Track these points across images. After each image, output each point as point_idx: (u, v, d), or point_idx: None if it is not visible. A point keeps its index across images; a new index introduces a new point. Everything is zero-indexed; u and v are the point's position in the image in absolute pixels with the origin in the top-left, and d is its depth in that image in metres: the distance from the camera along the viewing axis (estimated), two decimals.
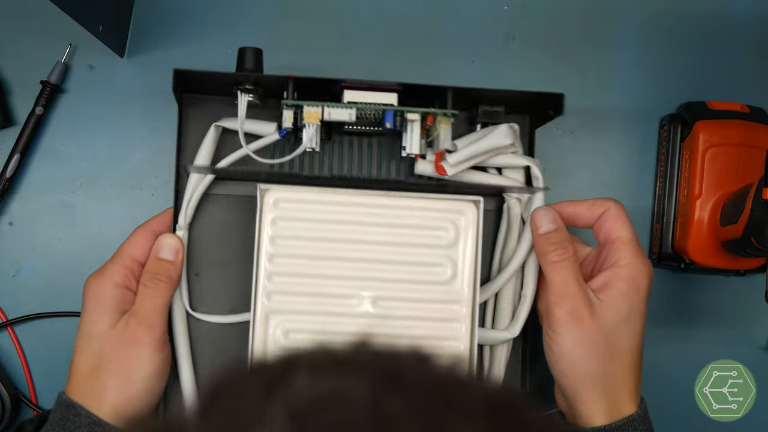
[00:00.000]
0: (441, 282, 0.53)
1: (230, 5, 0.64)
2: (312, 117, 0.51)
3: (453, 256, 0.53)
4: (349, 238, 0.53)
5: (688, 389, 0.65)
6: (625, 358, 0.51)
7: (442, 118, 0.53)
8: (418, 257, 0.53)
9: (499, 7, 0.66)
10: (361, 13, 0.65)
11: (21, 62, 0.63)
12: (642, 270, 0.51)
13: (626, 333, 0.51)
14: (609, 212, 0.53)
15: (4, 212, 0.63)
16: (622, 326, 0.51)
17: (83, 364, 0.51)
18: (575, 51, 0.66)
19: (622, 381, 0.51)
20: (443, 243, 0.54)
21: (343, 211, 0.53)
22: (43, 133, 0.63)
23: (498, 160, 0.56)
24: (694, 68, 0.66)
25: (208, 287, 0.56)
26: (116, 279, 0.51)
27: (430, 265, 0.53)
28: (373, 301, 0.53)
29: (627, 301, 0.51)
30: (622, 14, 0.66)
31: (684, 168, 0.63)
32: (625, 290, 0.51)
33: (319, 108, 0.51)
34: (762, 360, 0.66)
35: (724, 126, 0.62)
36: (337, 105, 0.51)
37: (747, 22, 0.67)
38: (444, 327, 0.53)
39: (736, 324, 0.66)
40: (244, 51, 0.53)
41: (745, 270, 0.63)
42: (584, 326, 0.50)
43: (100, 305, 0.51)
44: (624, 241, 0.52)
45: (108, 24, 0.60)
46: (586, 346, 0.50)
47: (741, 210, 0.56)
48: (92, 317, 0.51)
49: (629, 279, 0.51)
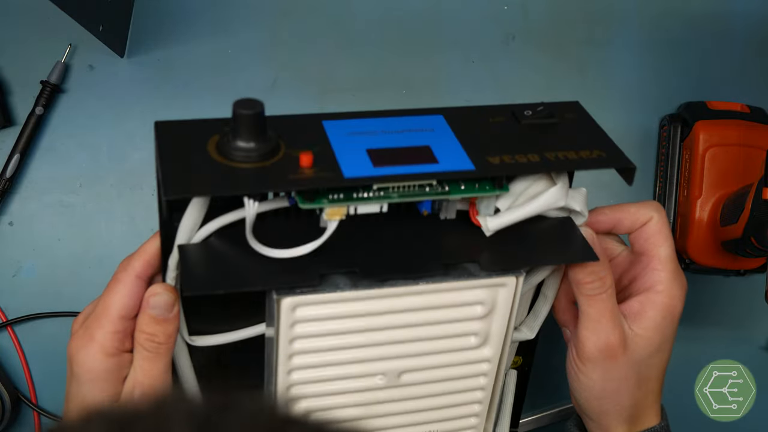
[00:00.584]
0: (469, 347, 0.47)
1: (230, 5, 0.64)
2: (335, 214, 0.41)
3: (484, 326, 0.47)
4: (375, 326, 0.45)
5: (688, 389, 0.65)
6: (652, 385, 0.50)
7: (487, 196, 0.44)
8: (448, 330, 0.47)
9: (499, 7, 0.66)
10: (361, 12, 0.65)
11: (21, 62, 0.63)
12: (678, 296, 0.48)
13: (656, 362, 0.49)
14: (651, 223, 0.49)
15: (4, 212, 0.63)
16: (654, 357, 0.48)
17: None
18: (575, 51, 0.66)
19: (648, 405, 0.50)
20: (476, 316, 0.46)
21: (368, 304, 0.44)
22: (43, 133, 0.63)
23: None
24: (694, 68, 0.66)
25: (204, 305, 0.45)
26: (108, 348, 0.44)
27: (460, 336, 0.47)
28: (398, 375, 0.47)
29: (660, 332, 0.48)
30: (622, 14, 0.66)
31: (684, 168, 0.63)
32: (660, 321, 0.48)
33: (344, 205, 0.41)
34: (762, 360, 0.66)
35: (724, 126, 0.62)
36: (365, 198, 0.41)
37: (747, 22, 0.67)
38: (466, 383, 0.48)
39: (736, 324, 0.66)
40: (240, 117, 0.39)
41: (745, 270, 0.63)
42: (617, 363, 0.47)
43: (97, 379, 0.44)
44: (662, 260, 0.48)
45: (108, 24, 0.60)
46: (616, 381, 0.48)
47: (741, 210, 0.56)
48: (87, 394, 0.44)
49: (664, 308, 0.48)
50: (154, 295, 0.43)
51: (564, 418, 0.65)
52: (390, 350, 0.46)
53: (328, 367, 0.46)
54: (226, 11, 0.64)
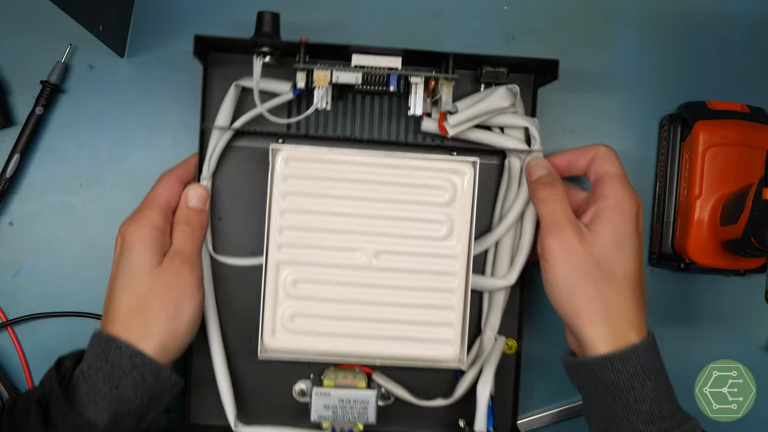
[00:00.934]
0: (438, 237, 0.58)
1: (229, 5, 0.64)
2: (321, 80, 0.56)
3: (450, 214, 0.58)
4: (354, 195, 0.58)
5: (688, 389, 0.65)
6: (619, 284, 0.52)
7: (444, 81, 0.57)
8: (417, 214, 0.58)
9: (499, 7, 0.66)
10: (362, 13, 0.65)
11: (21, 62, 0.63)
12: (627, 199, 0.54)
13: (617, 259, 0.52)
14: (598, 153, 0.56)
15: (4, 212, 0.63)
16: (612, 251, 0.52)
17: (128, 301, 0.52)
18: (575, 51, 0.66)
19: (620, 307, 0.52)
20: (441, 201, 0.58)
21: (348, 170, 0.57)
22: (43, 133, 0.63)
23: (499, 120, 0.59)
24: (694, 68, 0.66)
25: (230, 231, 0.61)
26: (156, 223, 0.54)
27: (429, 222, 0.58)
28: (375, 254, 0.58)
29: (613, 227, 0.53)
30: (622, 14, 0.66)
31: (684, 168, 0.63)
32: (611, 216, 0.53)
33: (327, 72, 0.56)
34: (762, 360, 0.66)
35: (724, 126, 0.62)
36: (345, 69, 0.56)
37: (747, 22, 0.67)
38: (439, 279, 0.58)
39: (736, 324, 0.66)
40: (262, 15, 0.56)
41: (745, 270, 0.63)
42: (575, 252, 0.52)
43: (144, 246, 0.53)
44: (611, 175, 0.55)
45: (108, 24, 0.60)
46: (578, 270, 0.52)
47: (741, 210, 0.56)
48: (137, 258, 0.53)
49: (615, 207, 0.53)
50: (192, 189, 0.57)
51: (564, 418, 0.65)
52: (367, 225, 0.57)
53: (313, 232, 0.57)
54: (226, 11, 0.64)
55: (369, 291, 0.58)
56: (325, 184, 0.58)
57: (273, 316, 0.57)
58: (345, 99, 0.60)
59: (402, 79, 0.57)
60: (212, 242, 0.60)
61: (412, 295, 0.58)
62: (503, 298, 0.61)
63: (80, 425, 0.49)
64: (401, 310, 0.58)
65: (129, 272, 0.53)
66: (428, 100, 0.58)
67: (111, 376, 0.51)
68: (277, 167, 0.57)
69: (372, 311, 0.58)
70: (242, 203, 0.60)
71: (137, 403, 0.51)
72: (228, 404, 0.58)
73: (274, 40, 0.56)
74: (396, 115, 0.61)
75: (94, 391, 0.50)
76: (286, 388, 0.61)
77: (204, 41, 0.57)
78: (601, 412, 0.52)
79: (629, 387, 0.50)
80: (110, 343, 0.51)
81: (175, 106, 0.63)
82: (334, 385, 0.57)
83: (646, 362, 0.51)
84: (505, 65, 0.58)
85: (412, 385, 0.61)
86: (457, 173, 0.58)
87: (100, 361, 0.51)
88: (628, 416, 0.50)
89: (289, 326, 0.58)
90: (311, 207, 0.58)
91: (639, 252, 0.53)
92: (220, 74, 0.60)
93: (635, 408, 0.50)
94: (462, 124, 0.58)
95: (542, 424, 0.65)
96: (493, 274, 0.61)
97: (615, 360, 0.50)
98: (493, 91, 0.58)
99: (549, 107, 0.65)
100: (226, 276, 0.60)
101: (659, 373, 0.51)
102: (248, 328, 0.60)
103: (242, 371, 0.60)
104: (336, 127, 0.60)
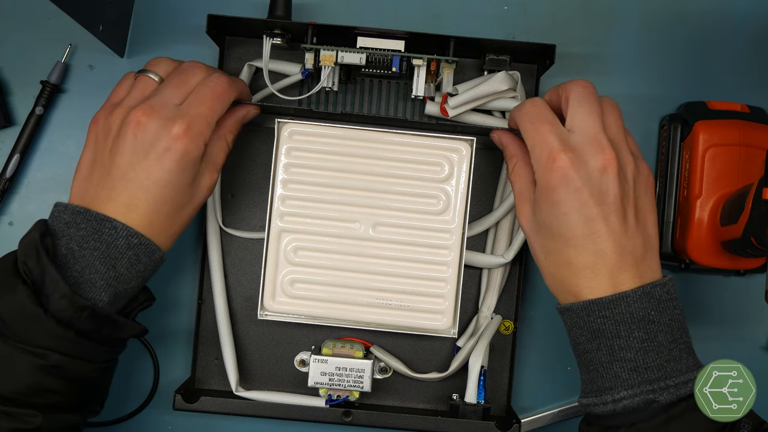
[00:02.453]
0: (434, 212, 0.60)
1: (229, 5, 0.64)
2: (327, 60, 0.59)
3: (447, 190, 0.60)
4: (354, 169, 0.60)
5: None
6: (573, 242, 0.51)
7: (445, 64, 0.59)
8: (415, 189, 0.60)
9: (499, 7, 0.66)
10: (362, 12, 0.65)
11: (21, 62, 0.63)
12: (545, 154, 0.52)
13: (554, 219, 0.51)
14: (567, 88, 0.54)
15: (4, 212, 0.63)
16: (550, 218, 0.52)
17: (140, 196, 0.51)
18: (575, 51, 0.66)
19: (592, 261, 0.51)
20: (439, 177, 0.60)
21: (349, 144, 0.60)
22: (43, 133, 0.63)
23: (499, 104, 0.61)
24: (694, 68, 0.66)
25: (240, 207, 0.64)
26: (207, 142, 0.54)
27: (426, 197, 0.60)
28: (372, 226, 0.60)
29: (540, 191, 0.52)
30: (622, 14, 0.66)
31: (684, 168, 0.63)
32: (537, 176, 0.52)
33: (333, 52, 0.58)
34: (762, 360, 0.66)
35: (724, 126, 0.62)
36: (349, 49, 0.59)
37: (747, 22, 0.67)
38: (434, 252, 0.60)
39: (736, 324, 0.66)
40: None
41: (745, 270, 0.63)
42: (529, 224, 0.55)
43: (190, 164, 0.52)
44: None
45: (108, 24, 0.60)
46: (543, 240, 0.53)
47: (741, 210, 0.56)
48: (178, 170, 0.52)
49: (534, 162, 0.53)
50: (254, 110, 0.59)
51: (564, 418, 0.65)
52: (366, 198, 0.60)
53: (314, 203, 0.60)
54: (226, 11, 0.64)
55: (366, 261, 0.60)
56: (327, 157, 0.60)
57: (274, 280, 0.60)
58: (353, 82, 0.63)
59: (405, 61, 0.59)
60: (222, 217, 0.63)
61: (408, 266, 0.60)
62: (501, 277, 0.63)
63: (81, 306, 0.48)
64: (397, 280, 0.60)
65: (155, 177, 0.51)
66: (431, 85, 0.60)
67: (107, 256, 0.50)
68: (281, 140, 0.60)
69: (369, 280, 0.60)
70: (253, 180, 0.64)
71: (133, 283, 0.52)
72: (231, 370, 0.61)
73: (284, 21, 0.59)
74: (401, 97, 0.64)
75: (90, 271, 0.50)
76: (288, 359, 0.63)
77: (217, 20, 0.59)
78: (586, 361, 0.51)
79: (615, 334, 0.49)
80: (104, 223, 0.50)
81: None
82: (332, 354, 0.60)
83: (637, 310, 0.49)
84: (506, 51, 0.61)
85: (408, 359, 0.63)
86: (454, 151, 0.60)
87: (94, 241, 0.50)
88: (612, 364, 0.50)
89: (289, 291, 0.60)
90: (313, 179, 0.60)
91: (574, 205, 0.51)
92: (235, 56, 0.63)
93: (619, 356, 0.49)
94: (462, 106, 0.60)
95: (542, 424, 0.65)
96: (492, 253, 0.63)
97: (602, 305, 0.50)
98: (493, 76, 0.60)
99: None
100: (235, 249, 0.64)
101: (654, 323, 0.50)
102: (254, 298, 0.63)
103: (246, 340, 0.64)
104: (343, 106, 0.64)
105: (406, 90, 0.64)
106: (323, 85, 0.60)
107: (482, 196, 0.64)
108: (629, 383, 0.49)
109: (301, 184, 0.60)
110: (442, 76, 0.60)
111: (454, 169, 0.60)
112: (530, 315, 0.65)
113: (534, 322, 0.65)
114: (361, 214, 0.60)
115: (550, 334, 0.65)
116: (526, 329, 0.65)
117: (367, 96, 0.64)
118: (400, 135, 0.60)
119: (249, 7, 0.64)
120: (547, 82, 0.63)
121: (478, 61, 0.63)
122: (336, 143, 0.60)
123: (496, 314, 0.63)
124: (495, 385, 0.64)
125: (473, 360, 0.60)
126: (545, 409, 0.66)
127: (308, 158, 0.60)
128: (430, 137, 0.60)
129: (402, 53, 0.59)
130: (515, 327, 0.63)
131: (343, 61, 0.58)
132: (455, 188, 0.60)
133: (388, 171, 0.60)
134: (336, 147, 0.60)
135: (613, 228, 0.50)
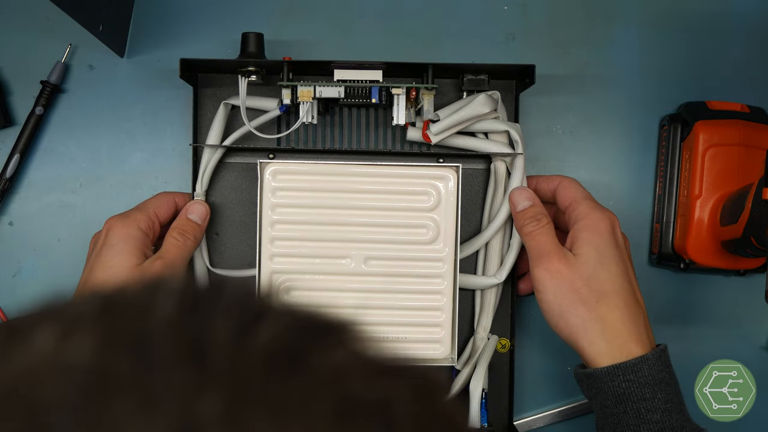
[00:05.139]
0: (424, 242, 0.60)
1: (229, 4, 0.64)
2: (305, 96, 0.58)
3: (435, 218, 0.60)
4: (340, 204, 0.59)
5: (688, 389, 0.65)
6: (611, 300, 0.53)
7: (425, 91, 0.59)
8: (404, 220, 0.60)
9: (499, 7, 0.66)
10: (362, 12, 0.65)
11: (21, 62, 0.63)
12: (600, 217, 0.55)
13: (604, 275, 0.54)
14: (562, 183, 0.59)
15: (4, 212, 0.63)
16: (598, 270, 0.54)
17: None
18: (575, 51, 0.66)
19: (615, 322, 0.53)
20: (427, 206, 0.60)
21: (334, 180, 0.59)
22: (43, 133, 0.63)
23: (482, 125, 0.60)
24: (694, 68, 0.66)
25: (226, 245, 0.63)
26: (142, 225, 0.56)
27: (415, 227, 0.60)
28: (364, 260, 0.60)
29: (593, 247, 0.54)
30: (622, 14, 0.66)
31: (684, 168, 0.63)
32: (588, 237, 0.55)
33: (311, 87, 0.58)
34: (762, 360, 0.66)
35: (724, 126, 0.62)
36: (327, 83, 0.58)
37: (747, 22, 0.66)
38: (427, 282, 0.60)
39: (736, 324, 0.66)
40: (247, 36, 0.59)
41: (745, 270, 0.63)
42: (563, 278, 0.54)
43: (127, 244, 0.55)
44: (578, 199, 0.57)
45: (108, 24, 0.60)
46: (568, 295, 0.53)
47: (741, 210, 0.56)
48: (118, 254, 0.54)
49: (589, 228, 0.55)
50: (195, 204, 0.59)
51: (564, 418, 0.65)
52: (355, 232, 0.59)
53: (303, 242, 0.59)
54: (226, 10, 0.64)
55: (360, 296, 0.59)
56: (312, 194, 0.59)
57: None
58: (331, 112, 0.62)
59: (384, 90, 0.58)
60: (209, 257, 0.62)
61: (403, 297, 0.60)
62: (494, 297, 0.62)
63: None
64: (392, 313, 0.60)
65: (109, 266, 0.54)
66: (411, 110, 0.60)
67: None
68: (265, 181, 0.59)
69: (364, 315, 0.59)
70: (237, 217, 0.62)
71: None
72: None
73: (258, 60, 0.58)
74: (382, 124, 0.62)
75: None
76: None
77: (190, 63, 0.58)
78: (613, 424, 0.52)
79: (640, 397, 0.51)
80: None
81: (175, 106, 0.63)
82: None
83: (657, 373, 0.51)
84: (486, 72, 0.60)
85: None
86: (440, 179, 0.60)
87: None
88: (639, 426, 0.51)
89: None
90: (300, 217, 0.59)
91: (624, 266, 0.55)
92: (210, 94, 0.62)
93: (646, 418, 0.51)
94: (444, 132, 0.59)
95: (542, 424, 0.65)
96: (483, 273, 0.63)
97: (627, 370, 0.51)
98: (474, 98, 0.59)
99: (548, 107, 0.65)
100: None
101: (669, 385, 0.52)
102: None
103: None
104: (324, 139, 0.62)
105: (386, 117, 0.62)
106: (303, 121, 0.58)
107: (470, 216, 0.63)
108: None
109: (288, 224, 0.59)
110: (423, 103, 0.59)
111: (441, 196, 0.60)
112: (525, 327, 0.65)
113: (529, 333, 0.65)
114: (352, 250, 0.59)
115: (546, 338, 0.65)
116: (522, 339, 0.65)
117: (347, 126, 0.62)
118: (385, 167, 0.59)
119: (241, 11, 0.64)
120: (528, 101, 0.63)
121: (456, 80, 0.61)
122: (320, 179, 0.59)
123: (492, 334, 0.62)
124: (495, 403, 0.63)
125: (474, 385, 0.60)
126: (545, 409, 0.66)
127: (294, 197, 0.59)
128: (416, 167, 0.60)
129: (380, 83, 0.58)
130: (512, 345, 0.63)
131: (321, 95, 0.58)
132: (443, 216, 0.59)
133: (376, 204, 0.60)
134: (321, 183, 0.59)
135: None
